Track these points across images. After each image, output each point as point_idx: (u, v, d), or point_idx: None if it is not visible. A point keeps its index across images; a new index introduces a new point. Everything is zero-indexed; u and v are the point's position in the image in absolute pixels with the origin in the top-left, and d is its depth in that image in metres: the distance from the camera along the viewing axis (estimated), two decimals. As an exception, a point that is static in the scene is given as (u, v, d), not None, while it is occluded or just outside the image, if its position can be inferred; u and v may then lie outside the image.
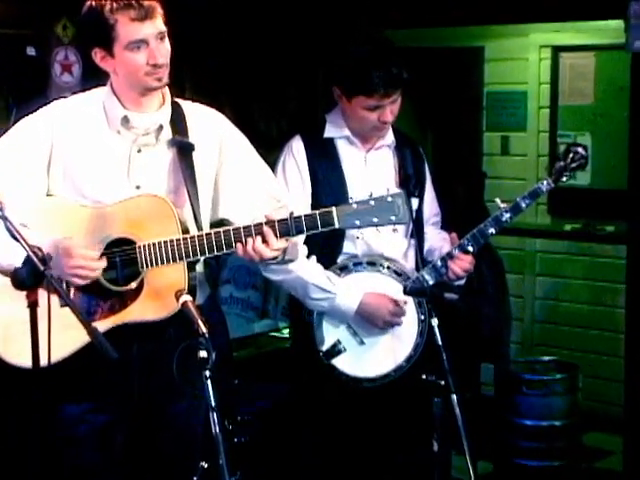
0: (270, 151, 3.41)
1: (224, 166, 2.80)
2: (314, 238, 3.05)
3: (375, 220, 2.52)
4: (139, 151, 2.69)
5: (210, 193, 2.78)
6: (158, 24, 2.60)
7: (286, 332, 4.75)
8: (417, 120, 6.04)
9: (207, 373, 2.29)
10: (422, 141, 6.10)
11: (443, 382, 2.75)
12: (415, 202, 3.34)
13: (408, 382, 3.16)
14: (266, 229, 2.55)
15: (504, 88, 5.83)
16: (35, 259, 2.26)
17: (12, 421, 3.31)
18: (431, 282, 3.21)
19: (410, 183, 3.28)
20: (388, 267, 3.25)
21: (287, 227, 2.55)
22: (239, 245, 2.57)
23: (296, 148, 3.26)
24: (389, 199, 2.53)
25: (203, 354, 2.29)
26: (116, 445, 2.75)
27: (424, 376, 2.80)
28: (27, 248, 2.27)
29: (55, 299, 2.38)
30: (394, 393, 3.24)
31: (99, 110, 2.71)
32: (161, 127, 2.69)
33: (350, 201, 2.61)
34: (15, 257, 2.34)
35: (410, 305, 3.23)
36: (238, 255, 2.61)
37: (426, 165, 3.45)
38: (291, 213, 2.56)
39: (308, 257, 3.17)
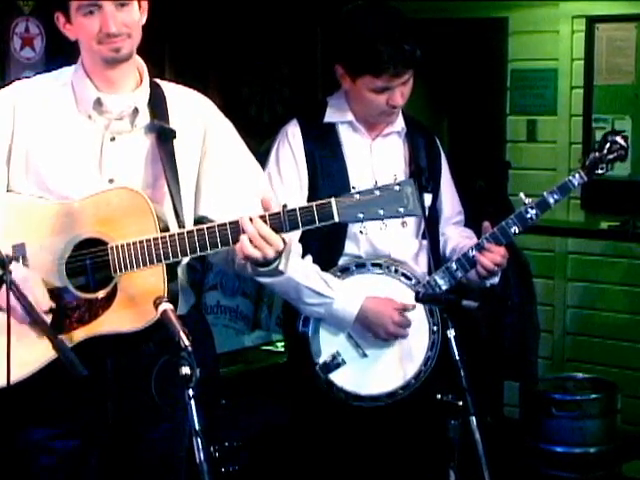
0: (262, 139, 3.43)
1: (207, 157, 2.80)
2: (311, 237, 3.07)
3: (381, 212, 2.53)
4: (112, 139, 2.70)
5: (193, 186, 2.79)
6: None
7: (280, 345, 4.77)
8: (431, 102, 6.06)
9: (190, 392, 2.29)
10: (437, 126, 6.13)
11: (461, 402, 2.77)
12: (428, 198, 3.35)
13: (420, 402, 3.18)
14: (258, 220, 2.55)
15: (531, 65, 5.84)
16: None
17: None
18: (444, 287, 3.23)
19: (422, 176, 3.30)
20: (396, 270, 3.27)
21: (279, 222, 2.56)
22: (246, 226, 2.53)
23: (292, 133, 3.28)
24: (396, 188, 2.54)
25: (186, 371, 2.29)
26: (89, 474, 2.76)
27: (439, 396, 2.82)
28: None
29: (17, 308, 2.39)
30: (403, 414, 3.26)
31: (67, 92, 2.72)
32: (137, 110, 2.71)
33: (352, 191, 2.62)
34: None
35: (421, 314, 3.24)
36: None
37: (442, 158, 3.47)
38: (284, 206, 2.56)
39: (303, 257, 3.19)
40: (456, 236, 3.46)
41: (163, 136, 2.70)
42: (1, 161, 2.69)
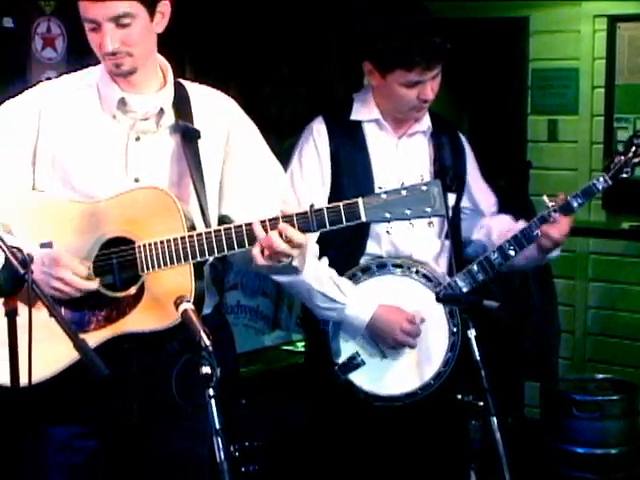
0: (282, 138, 3.44)
1: (230, 157, 2.83)
2: (333, 236, 3.08)
3: (408, 212, 2.54)
4: (137, 139, 2.72)
5: (216, 186, 2.81)
6: (114, 7, 2.58)
7: (300, 345, 4.78)
8: (452, 102, 6.05)
9: (211, 392, 2.30)
10: (458, 125, 6.10)
11: (482, 403, 2.77)
12: (452, 198, 3.36)
13: (440, 402, 3.19)
14: (283, 223, 2.58)
15: (552, 65, 5.84)
16: (14, 261, 2.28)
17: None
18: (465, 289, 3.24)
19: (447, 176, 3.30)
20: (417, 271, 3.27)
21: (307, 222, 2.57)
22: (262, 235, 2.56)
23: (317, 130, 3.29)
24: (423, 188, 2.54)
25: (206, 370, 2.30)
26: (110, 473, 2.78)
27: (460, 396, 2.82)
28: (5, 249, 2.30)
29: (42, 308, 2.40)
30: (423, 415, 3.27)
31: (92, 92, 2.75)
32: (162, 111, 2.73)
33: (378, 191, 2.61)
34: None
35: (440, 315, 3.25)
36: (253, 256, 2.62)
37: (467, 153, 3.47)
38: (311, 205, 2.57)
39: (320, 258, 3.20)
40: (498, 223, 3.44)
41: (188, 136, 2.72)
42: (27, 162, 2.72)
